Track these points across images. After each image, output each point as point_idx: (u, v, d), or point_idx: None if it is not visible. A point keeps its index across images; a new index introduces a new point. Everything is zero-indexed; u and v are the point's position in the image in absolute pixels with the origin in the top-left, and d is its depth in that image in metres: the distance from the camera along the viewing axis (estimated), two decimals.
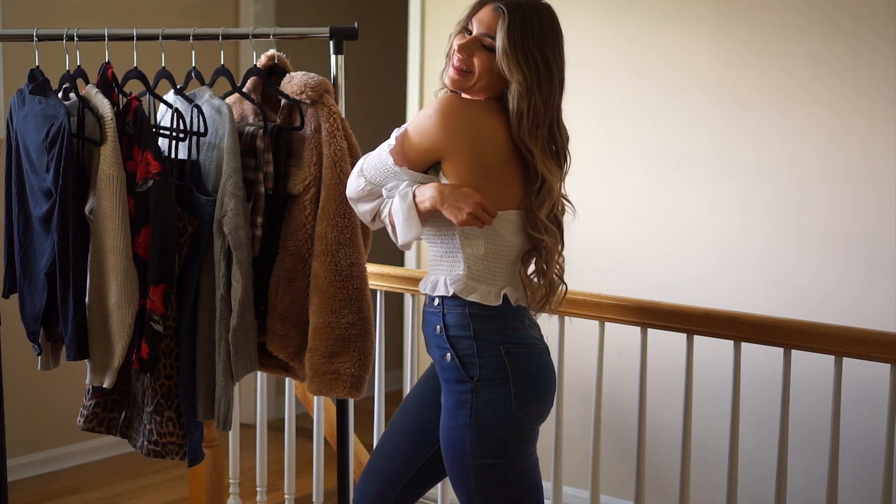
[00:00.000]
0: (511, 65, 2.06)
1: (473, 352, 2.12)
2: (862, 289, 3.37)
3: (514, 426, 2.12)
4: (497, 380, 2.11)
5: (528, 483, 2.17)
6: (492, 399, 2.11)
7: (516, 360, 2.12)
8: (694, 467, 2.92)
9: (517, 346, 2.13)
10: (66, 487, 4.19)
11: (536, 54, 2.08)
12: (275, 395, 5.02)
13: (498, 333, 2.12)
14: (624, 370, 3.44)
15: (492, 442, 2.11)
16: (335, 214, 2.27)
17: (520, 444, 2.14)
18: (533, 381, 2.14)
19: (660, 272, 3.69)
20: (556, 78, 2.13)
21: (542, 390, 2.16)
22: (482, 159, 2.09)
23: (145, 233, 2.23)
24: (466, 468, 2.13)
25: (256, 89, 2.42)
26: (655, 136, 3.78)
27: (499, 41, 2.07)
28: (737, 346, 2.55)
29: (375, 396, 3.05)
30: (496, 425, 2.10)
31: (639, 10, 3.81)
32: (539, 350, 2.18)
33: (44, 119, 2.23)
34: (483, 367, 2.11)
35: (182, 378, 2.31)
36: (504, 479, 2.15)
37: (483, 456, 2.11)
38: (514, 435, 2.12)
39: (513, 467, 2.14)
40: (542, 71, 2.09)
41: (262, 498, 3.31)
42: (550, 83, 2.11)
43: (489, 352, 2.12)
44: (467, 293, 2.11)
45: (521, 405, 2.11)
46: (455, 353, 2.13)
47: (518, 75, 2.07)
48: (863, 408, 3.18)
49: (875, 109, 3.33)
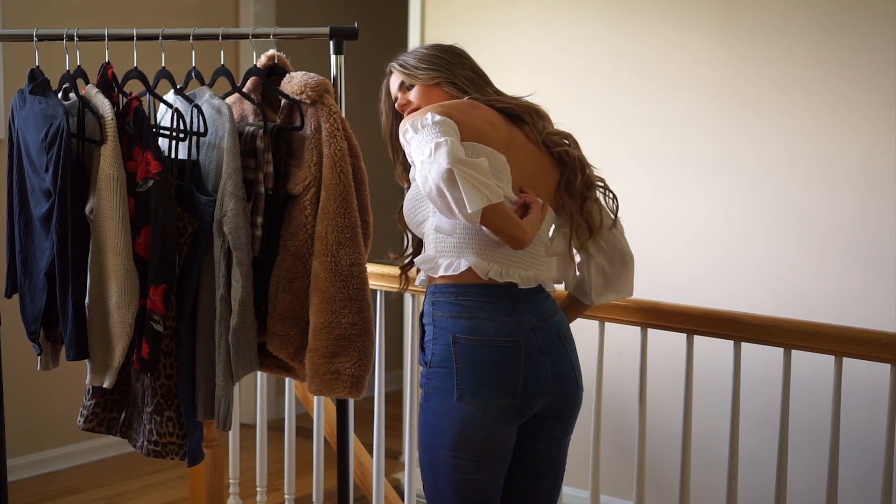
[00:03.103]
0: (418, 73, 2.29)
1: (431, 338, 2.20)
2: (862, 289, 3.37)
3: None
4: (444, 369, 2.15)
5: (459, 487, 2.16)
6: (439, 387, 2.16)
7: (462, 352, 2.14)
8: (694, 467, 2.93)
9: (468, 337, 2.14)
10: (66, 487, 4.19)
11: (430, 53, 2.31)
12: (275, 395, 5.02)
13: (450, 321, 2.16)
14: (624, 370, 3.44)
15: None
16: (335, 214, 2.27)
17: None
18: (475, 375, 2.13)
19: (660, 272, 3.69)
20: (464, 55, 2.33)
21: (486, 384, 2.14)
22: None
23: (145, 233, 2.23)
24: (421, 449, 2.22)
25: (256, 89, 2.42)
26: (655, 137, 3.78)
27: (402, 79, 2.32)
28: (737, 346, 2.55)
29: (375, 396, 3.05)
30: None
31: (639, 10, 3.81)
32: (492, 345, 2.15)
33: (43, 119, 2.23)
34: (435, 353, 2.17)
35: (182, 378, 2.31)
36: (435, 472, 2.18)
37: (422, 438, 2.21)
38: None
39: (448, 461, 2.15)
40: (447, 56, 2.30)
41: (262, 498, 3.31)
42: (461, 57, 2.32)
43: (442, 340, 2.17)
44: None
45: (463, 395, 2.13)
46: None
47: (426, 73, 2.28)
48: (863, 408, 3.19)
49: (875, 109, 3.33)
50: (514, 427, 2.18)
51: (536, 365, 2.16)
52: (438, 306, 2.19)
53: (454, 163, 1.94)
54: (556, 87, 3.91)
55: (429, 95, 2.29)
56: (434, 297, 2.21)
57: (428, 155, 1.98)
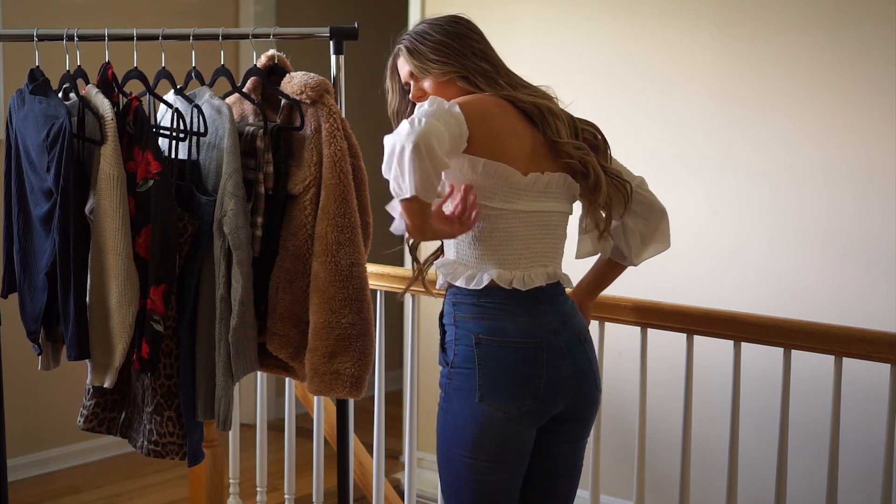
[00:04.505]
0: (428, 67, 2.21)
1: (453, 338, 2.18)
2: (862, 289, 3.37)
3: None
4: (467, 370, 2.14)
5: (476, 488, 2.16)
6: (460, 387, 2.15)
7: (485, 353, 2.13)
8: (694, 467, 2.92)
9: (490, 338, 2.13)
10: (66, 487, 4.19)
11: (440, 38, 2.21)
12: (275, 395, 5.02)
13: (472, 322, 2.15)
14: (624, 370, 3.44)
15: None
16: (335, 214, 2.27)
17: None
18: (497, 376, 2.13)
19: (660, 272, 3.69)
20: (476, 37, 2.25)
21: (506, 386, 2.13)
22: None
23: (146, 233, 2.23)
24: (439, 449, 2.21)
25: (256, 89, 2.42)
26: (656, 136, 3.78)
27: (410, 67, 2.24)
28: (737, 346, 2.55)
29: (375, 396, 3.05)
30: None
31: (639, 10, 3.81)
32: (515, 346, 2.14)
33: (44, 119, 2.23)
34: (457, 354, 2.16)
35: (182, 378, 2.31)
36: (453, 472, 2.17)
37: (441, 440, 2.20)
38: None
39: (465, 461, 2.14)
40: (458, 43, 2.21)
41: (262, 498, 3.31)
42: (471, 41, 2.23)
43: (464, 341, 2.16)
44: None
45: (484, 396, 2.12)
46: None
47: (438, 68, 2.20)
48: (863, 408, 3.19)
49: (875, 109, 3.33)
50: (532, 429, 2.17)
51: (558, 367, 2.15)
52: (460, 307, 2.17)
53: (425, 144, 1.93)
54: (557, 86, 3.90)
55: (443, 90, 2.22)
56: (455, 297, 2.19)
57: (418, 119, 1.97)
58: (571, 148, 2.21)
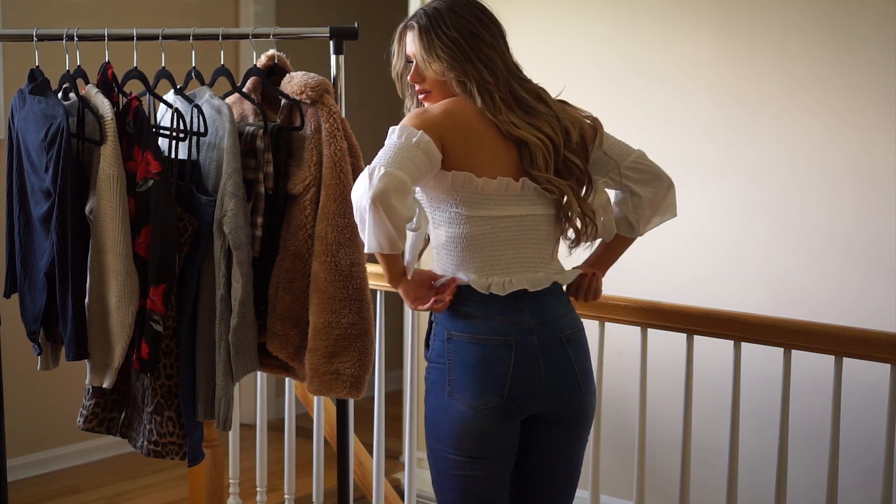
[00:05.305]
0: (432, 61, 2.17)
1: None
2: (862, 289, 3.37)
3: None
4: (440, 365, 2.18)
5: (459, 483, 2.17)
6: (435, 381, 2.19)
7: (454, 348, 2.15)
8: (694, 467, 2.92)
9: (460, 334, 2.15)
10: (66, 487, 4.19)
11: (453, 35, 2.15)
12: (275, 395, 5.02)
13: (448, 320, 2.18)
14: (624, 370, 3.44)
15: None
16: (335, 214, 2.27)
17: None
18: (465, 371, 2.14)
19: (660, 272, 3.69)
20: (489, 39, 2.18)
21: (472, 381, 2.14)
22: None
23: (145, 233, 2.23)
24: (426, 442, 2.25)
25: (256, 89, 2.42)
26: (655, 137, 3.78)
27: (416, 51, 2.20)
28: (737, 346, 2.55)
29: (375, 396, 3.05)
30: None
31: (639, 10, 3.81)
32: (483, 343, 2.14)
33: (43, 119, 2.23)
34: (433, 349, 2.20)
35: (182, 378, 2.31)
36: (436, 466, 2.21)
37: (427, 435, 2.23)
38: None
39: (445, 456, 2.17)
40: (467, 47, 2.16)
41: (262, 498, 3.31)
42: (485, 46, 2.17)
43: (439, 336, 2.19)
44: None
45: (453, 391, 2.14)
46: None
47: (438, 65, 2.16)
48: (863, 408, 3.18)
49: (875, 109, 3.33)
50: (510, 425, 2.16)
51: (528, 367, 2.14)
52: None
53: (379, 200, 1.96)
54: (556, 86, 3.90)
55: (439, 88, 2.21)
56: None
57: (378, 167, 1.99)
58: (548, 183, 2.19)
